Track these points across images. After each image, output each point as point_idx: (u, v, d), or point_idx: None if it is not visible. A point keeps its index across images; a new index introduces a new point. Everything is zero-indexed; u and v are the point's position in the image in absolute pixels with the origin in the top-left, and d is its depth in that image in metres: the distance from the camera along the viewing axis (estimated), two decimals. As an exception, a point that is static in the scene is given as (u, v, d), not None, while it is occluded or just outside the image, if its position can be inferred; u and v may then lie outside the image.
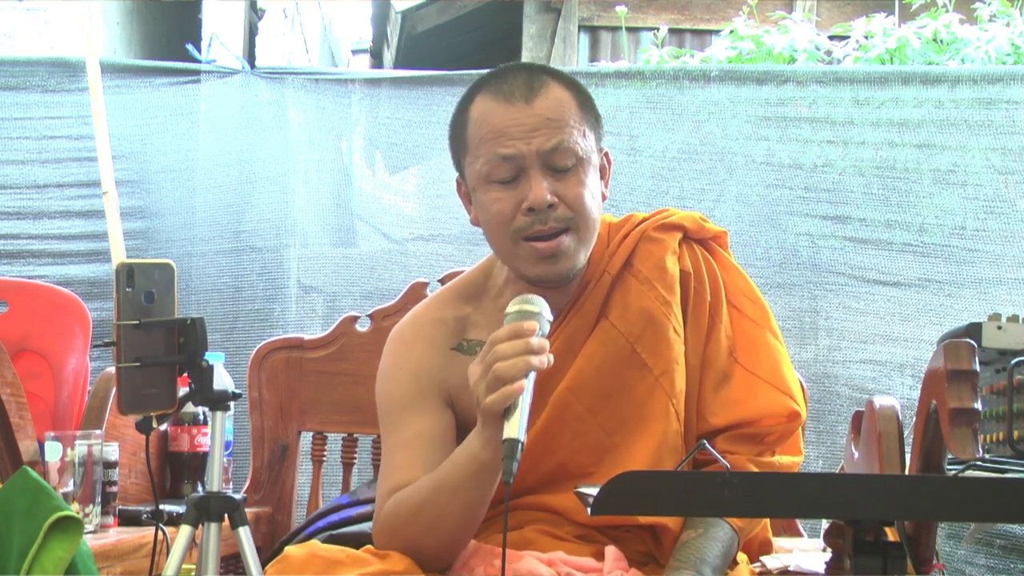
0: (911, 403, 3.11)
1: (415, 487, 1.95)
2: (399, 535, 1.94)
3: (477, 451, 1.85)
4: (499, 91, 1.97)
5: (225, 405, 1.89)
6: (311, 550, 1.95)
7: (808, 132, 3.60)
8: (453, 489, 1.89)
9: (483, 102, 1.98)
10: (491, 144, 1.94)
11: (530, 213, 1.93)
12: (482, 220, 2.01)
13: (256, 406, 2.73)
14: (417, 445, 2.00)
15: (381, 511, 1.99)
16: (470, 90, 2.03)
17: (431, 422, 2.01)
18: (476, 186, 1.98)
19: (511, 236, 1.96)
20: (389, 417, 2.06)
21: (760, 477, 1.65)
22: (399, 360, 2.08)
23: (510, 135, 1.94)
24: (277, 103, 3.83)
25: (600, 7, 6.62)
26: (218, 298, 3.73)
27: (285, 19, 9.05)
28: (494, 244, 2.02)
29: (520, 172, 1.94)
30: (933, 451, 1.79)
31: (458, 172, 2.06)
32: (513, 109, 1.95)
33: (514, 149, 1.93)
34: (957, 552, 3.23)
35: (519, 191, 1.94)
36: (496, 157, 1.94)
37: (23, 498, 1.96)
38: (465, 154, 2.00)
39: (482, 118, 1.97)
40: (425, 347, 2.06)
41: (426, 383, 2.04)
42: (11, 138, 3.82)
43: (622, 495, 1.43)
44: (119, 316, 1.81)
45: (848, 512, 1.52)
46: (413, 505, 1.93)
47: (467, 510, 1.90)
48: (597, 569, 1.90)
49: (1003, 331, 1.86)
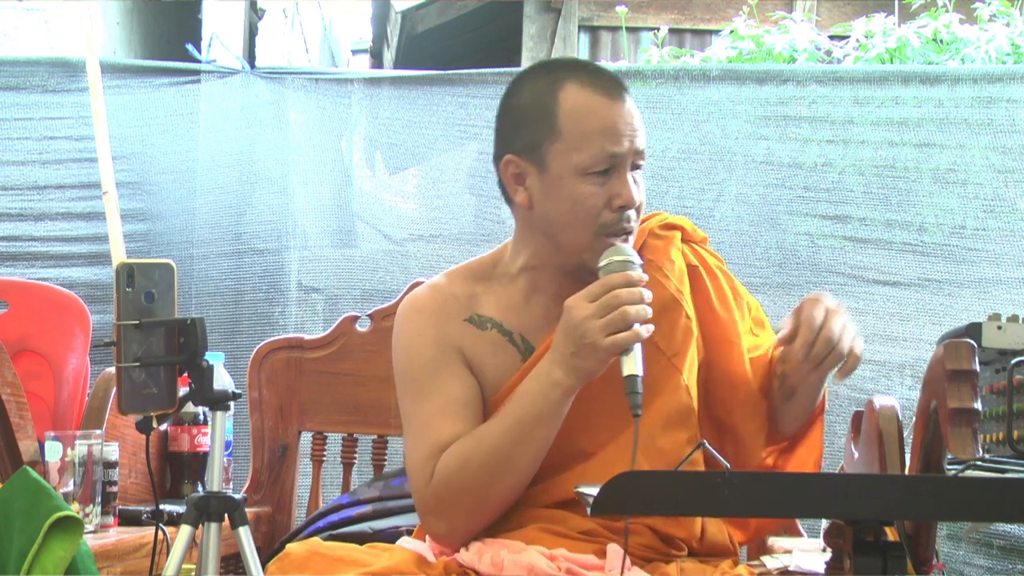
0: (911, 403, 3.11)
1: (476, 436, 1.96)
2: (465, 489, 1.95)
3: (560, 378, 1.91)
4: (595, 84, 1.99)
5: (225, 405, 1.90)
6: (312, 548, 1.95)
7: (808, 132, 3.59)
8: (533, 423, 1.93)
9: (579, 92, 1.99)
10: (599, 138, 1.96)
11: (619, 211, 1.98)
12: (560, 208, 2.00)
13: (256, 406, 2.73)
14: (454, 409, 2.01)
15: (431, 474, 1.98)
16: (543, 76, 2.03)
17: (462, 387, 2.03)
18: (565, 175, 1.98)
19: (594, 229, 1.98)
20: (415, 385, 2.05)
21: (760, 477, 1.65)
22: (419, 327, 2.08)
23: (619, 132, 1.97)
24: (277, 103, 3.83)
25: (600, 7, 6.62)
26: (219, 300, 3.73)
27: (285, 19, 9.05)
28: (567, 233, 2.00)
29: (613, 168, 1.98)
30: (933, 451, 1.79)
31: (517, 153, 2.02)
32: (615, 105, 1.98)
33: (621, 147, 1.97)
34: (957, 552, 3.23)
35: (609, 187, 1.98)
36: (604, 152, 1.96)
37: (23, 498, 1.96)
38: (554, 140, 1.98)
39: (585, 109, 1.97)
40: (442, 316, 2.08)
41: (448, 349, 2.05)
42: (11, 139, 3.82)
43: (622, 495, 1.43)
44: (119, 316, 1.82)
45: (848, 512, 1.52)
46: (485, 450, 1.94)
47: (543, 444, 1.96)
48: (598, 567, 1.90)
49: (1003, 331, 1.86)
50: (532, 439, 1.94)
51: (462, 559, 1.94)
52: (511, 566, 1.87)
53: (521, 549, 1.91)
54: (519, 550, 1.90)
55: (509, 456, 1.94)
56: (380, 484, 2.64)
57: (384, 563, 1.90)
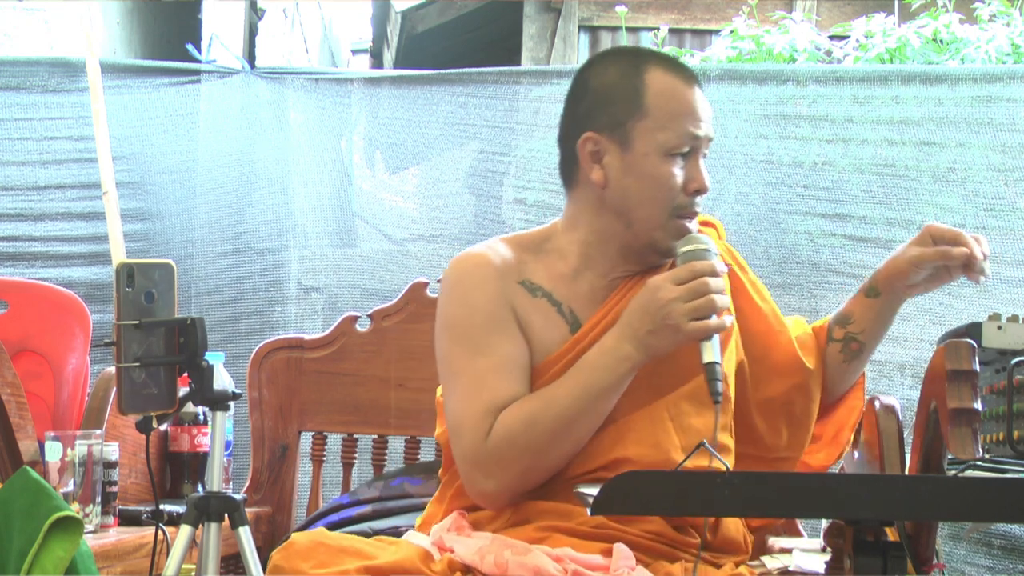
0: (911, 403, 3.11)
1: (544, 399, 1.99)
2: (528, 449, 1.97)
3: (631, 353, 1.96)
4: (677, 70, 2.08)
5: (225, 405, 1.90)
6: (317, 538, 1.94)
7: (808, 131, 3.59)
8: (601, 394, 1.98)
9: (664, 76, 2.06)
10: (684, 120, 2.04)
11: (694, 195, 2.06)
12: (640, 185, 2.05)
13: (256, 406, 2.73)
14: (510, 368, 2.03)
15: (487, 431, 1.99)
16: (626, 58, 2.11)
17: (516, 348, 2.06)
18: (649, 152, 2.04)
19: (669, 209, 2.05)
20: (470, 339, 2.06)
21: (760, 477, 1.65)
22: (474, 283, 2.09)
23: (700, 117, 2.06)
24: (277, 103, 3.83)
25: (600, 7, 6.62)
26: (219, 299, 3.73)
27: (285, 19, 9.05)
28: (643, 210, 2.06)
29: (691, 152, 2.06)
30: (933, 451, 1.79)
31: (598, 130, 2.07)
32: (695, 91, 2.07)
33: (702, 132, 2.06)
34: (957, 552, 3.23)
35: (686, 171, 2.05)
36: (688, 134, 2.04)
37: (23, 498, 1.96)
38: (640, 117, 2.04)
39: (671, 91, 2.05)
40: (499, 274, 2.10)
41: (506, 307, 2.08)
42: (11, 139, 3.82)
43: (622, 495, 1.43)
44: (119, 316, 1.82)
45: (848, 512, 1.52)
46: (553, 415, 1.97)
47: (603, 417, 2.01)
48: (603, 567, 1.90)
49: (1003, 331, 1.86)
50: (595, 410, 1.99)
51: (464, 558, 1.94)
52: (516, 567, 1.87)
53: (526, 550, 1.90)
54: (524, 551, 1.90)
55: (573, 423, 1.98)
56: (380, 484, 2.64)
57: (389, 557, 1.89)
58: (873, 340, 2.21)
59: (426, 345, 2.68)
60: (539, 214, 3.62)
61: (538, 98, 3.74)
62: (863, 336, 2.19)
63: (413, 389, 2.73)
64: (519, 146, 3.77)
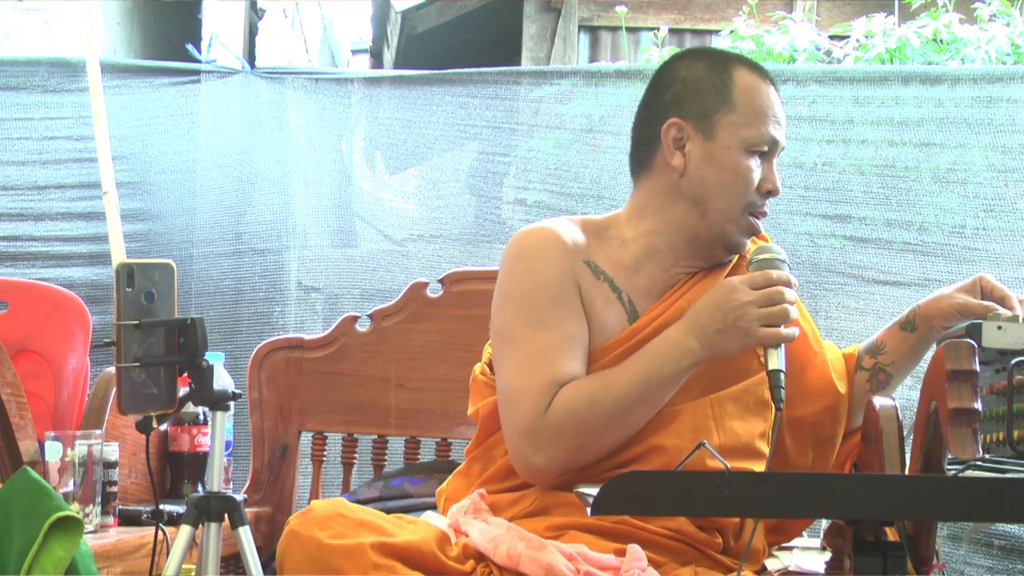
0: (911, 403, 3.11)
1: (605, 381, 2.00)
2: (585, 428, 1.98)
3: (695, 349, 1.98)
4: (762, 73, 2.13)
5: (225, 405, 1.90)
6: (337, 508, 1.92)
7: (808, 131, 3.59)
8: (661, 383, 2.00)
9: (751, 75, 2.12)
10: (766, 119, 2.09)
11: (765, 195, 2.11)
12: (720, 176, 2.08)
13: (256, 406, 2.73)
14: (571, 346, 2.04)
15: (546, 405, 1.99)
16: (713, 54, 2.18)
17: (579, 327, 2.06)
18: (732, 145, 2.08)
19: (743, 204, 2.09)
20: (535, 312, 2.06)
21: (760, 477, 1.65)
22: (543, 256, 2.09)
23: (779, 120, 2.12)
24: (277, 103, 3.83)
25: (600, 7, 6.62)
26: (219, 299, 3.73)
27: (285, 19, 9.05)
28: (719, 201, 2.08)
29: (767, 153, 2.10)
30: (933, 451, 1.79)
31: (685, 116, 2.09)
32: (776, 96, 2.13)
33: (778, 135, 2.11)
34: (957, 552, 3.23)
35: (761, 170, 2.10)
36: (769, 135, 2.09)
37: (23, 498, 1.96)
38: (728, 110, 2.08)
39: (757, 90, 2.10)
40: (568, 250, 2.10)
41: (571, 284, 2.08)
42: (11, 139, 3.82)
43: (622, 495, 1.43)
44: (119, 316, 1.82)
45: (848, 512, 1.52)
46: (613, 397, 1.98)
47: (658, 406, 2.02)
48: (615, 568, 1.89)
49: (1003, 331, 1.86)
50: (653, 399, 2.01)
51: (478, 544, 1.93)
52: (528, 563, 1.86)
53: (540, 546, 1.89)
54: (538, 546, 1.89)
55: (631, 408, 1.99)
56: (380, 484, 2.64)
57: (407, 536, 1.88)
58: (901, 373, 2.21)
59: (426, 345, 2.69)
60: (539, 214, 3.61)
61: (538, 98, 3.74)
62: (892, 368, 2.19)
63: (413, 389, 2.73)
64: (519, 146, 3.77)
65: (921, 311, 2.17)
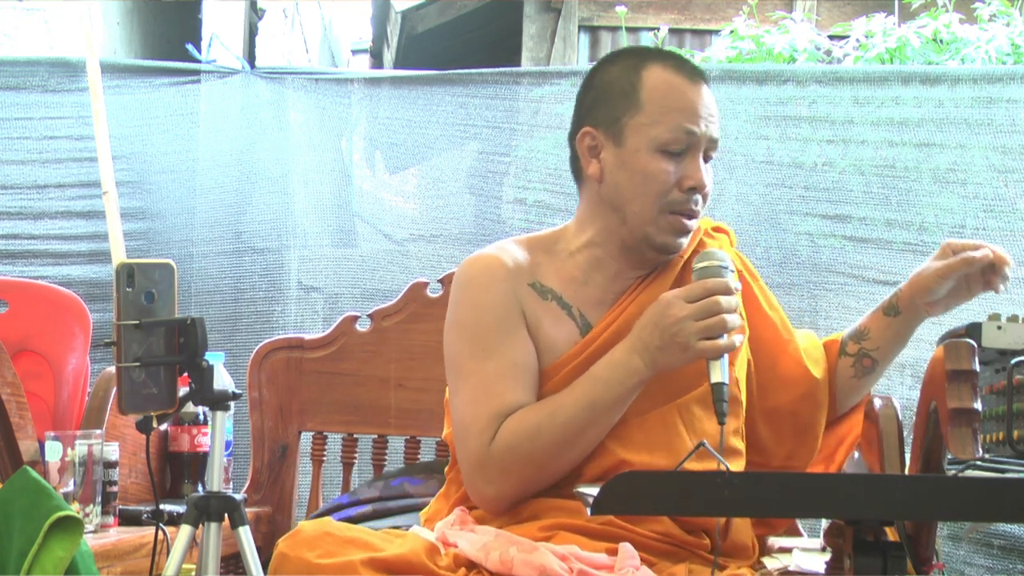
0: (911, 403, 3.11)
1: (550, 409, 1.99)
2: (531, 459, 1.98)
3: (639, 368, 1.96)
4: (680, 68, 2.08)
5: (225, 405, 1.90)
6: (324, 527, 1.93)
7: (808, 131, 3.59)
8: (607, 406, 1.98)
9: (664, 71, 2.06)
10: (679, 115, 2.03)
11: (688, 192, 2.04)
12: (631, 180, 2.05)
13: (256, 406, 2.73)
14: (515, 374, 2.03)
15: (491, 437, 1.99)
16: (629, 56, 2.12)
17: (524, 352, 2.05)
18: (641, 148, 2.04)
19: (661, 205, 2.04)
20: (479, 342, 2.06)
21: (760, 477, 1.65)
22: (484, 284, 2.09)
23: (698, 113, 2.05)
24: (277, 103, 3.83)
25: (600, 7, 6.62)
26: (219, 299, 3.73)
27: (285, 19, 9.05)
28: (634, 205, 2.05)
29: (688, 149, 2.04)
30: (933, 451, 1.79)
31: (595, 124, 2.08)
32: (697, 89, 2.07)
33: (698, 128, 2.04)
34: (957, 552, 3.23)
35: (682, 168, 2.04)
36: (681, 129, 2.03)
37: (23, 498, 1.96)
38: (635, 113, 2.05)
39: (669, 87, 2.05)
40: (510, 276, 2.10)
41: (514, 310, 2.07)
42: (11, 138, 3.82)
43: (622, 495, 1.43)
44: (119, 316, 1.82)
45: (848, 512, 1.52)
46: (558, 424, 1.97)
47: (608, 428, 2.00)
48: (608, 566, 1.89)
49: (1003, 331, 1.86)
50: (601, 422, 1.99)
51: (469, 553, 1.93)
52: (521, 566, 1.86)
53: (532, 548, 1.89)
54: (530, 549, 1.89)
55: (578, 434, 1.98)
56: (380, 484, 2.64)
57: (395, 550, 1.89)
58: (886, 358, 2.20)
59: (426, 345, 2.69)
60: (539, 214, 3.62)
61: (538, 98, 3.74)
62: (877, 353, 2.18)
63: (413, 389, 2.73)
64: (519, 146, 3.77)
65: (903, 294, 2.16)
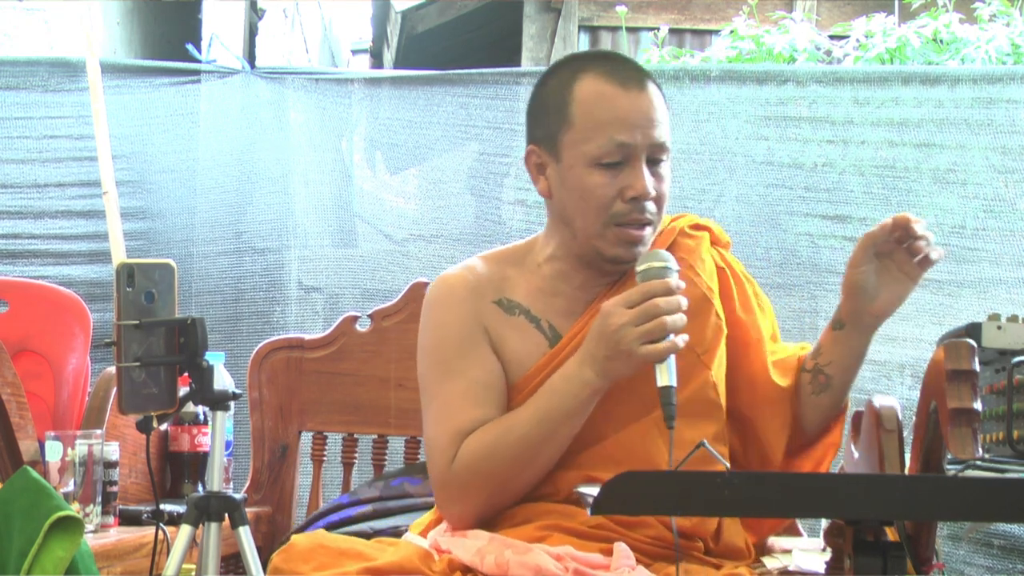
0: (911, 403, 3.11)
1: (505, 426, 1.98)
2: (490, 477, 1.97)
3: (591, 379, 1.93)
4: (613, 74, 2.01)
5: (225, 405, 1.90)
6: (317, 540, 1.95)
7: (808, 132, 3.59)
8: (562, 419, 1.95)
9: (595, 82, 2.01)
10: (609, 128, 1.98)
11: (631, 202, 1.99)
12: (572, 197, 2.03)
13: (256, 406, 2.73)
14: (476, 392, 2.03)
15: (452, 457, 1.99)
16: (565, 67, 2.07)
17: (485, 370, 2.05)
18: (575, 164, 2.00)
19: (605, 219, 2.01)
20: (441, 365, 2.07)
21: (760, 477, 1.65)
22: (449, 307, 2.09)
23: (629, 122, 1.99)
24: (277, 103, 3.83)
25: (600, 7, 6.62)
26: (219, 299, 3.73)
27: (285, 19, 9.05)
28: (578, 221, 2.03)
29: (626, 159, 1.99)
30: (933, 451, 1.79)
31: (536, 142, 2.06)
32: (630, 96, 2.00)
33: (631, 137, 1.98)
34: (957, 552, 3.23)
35: (622, 178, 1.99)
36: (612, 142, 1.98)
37: (23, 498, 1.96)
38: (567, 129, 2.01)
39: (597, 98, 2.00)
40: (472, 296, 2.09)
41: (476, 330, 2.07)
42: (11, 137, 3.82)
43: (622, 495, 1.43)
44: (119, 316, 1.82)
45: (848, 512, 1.52)
46: (513, 442, 1.96)
47: (567, 442, 1.98)
48: (604, 566, 1.89)
49: (1003, 331, 1.86)
50: (558, 435, 1.97)
51: (463, 559, 1.93)
52: (517, 567, 1.86)
53: (526, 550, 1.89)
54: (524, 550, 1.89)
55: (536, 449, 1.97)
56: (380, 484, 2.64)
57: (389, 558, 1.89)
58: (842, 375, 2.11)
59: (426, 345, 2.68)
60: (539, 215, 3.60)
61: (538, 98, 3.73)
62: (830, 369, 2.10)
63: (413, 389, 2.71)
64: (519, 147, 3.76)
65: (842, 304, 2.09)
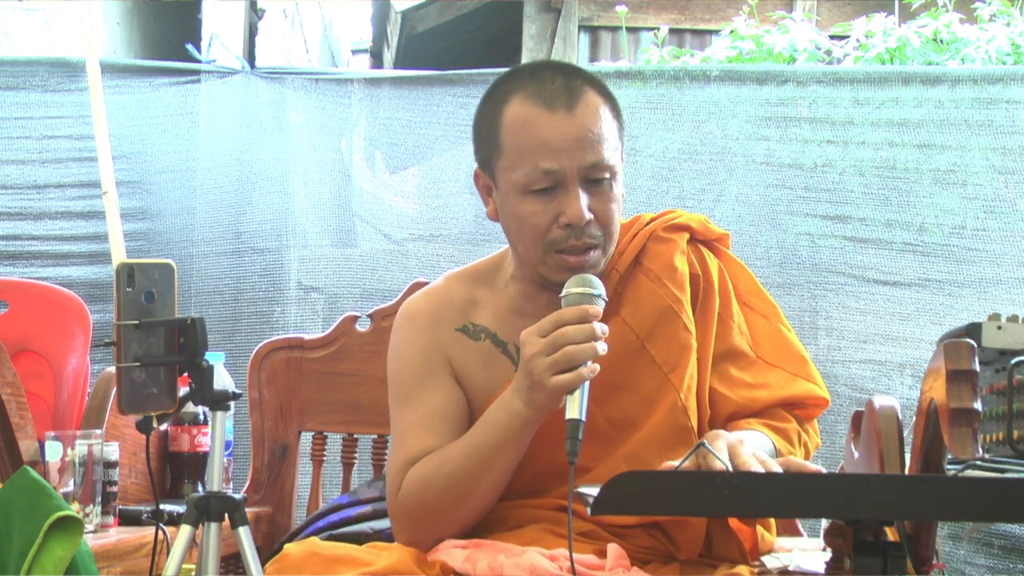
0: (911, 403, 3.11)
1: (442, 457, 1.97)
2: (427, 508, 1.96)
3: (520, 409, 1.88)
4: (539, 95, 1.93)
5: (225, 405, 1.89)
6: (310, 548, 1.95)
7: (808, 132, 3.59)
8: (494, 450, 1.92)
9: (521, 105, 1.94)
10: (533, 155, 1.91)
11: (567, 228, 1.93)
12: (510, 225, 1.99)
13: (256, 406, 2.72)
14: (429, 422, 2.02)
15: (399, 486, 2.00)
16: (500, 87, 1.99)
17: (443, 399, 2.03)
18: (509, 192, 1.95)
19: (544, 246, 1.95)
20: (400, 394, 2.07)
21: (760, 477, 1.65)
22: (408, 337, 2.09)
23: (553, 147, 1.91)
24: (277, 103, 3.83)
25: (600, 7, 6.62)
26: (219, 299, 3.73)
27: (285, 19, 9.05)
28: (520, 248, 2.00)
29: (558, 184, 1.92)
30: (933, 451, 1.79)
31: (480, 166, 2.03)
32: (556, 118, 1.91)
33: (557, 163, 1.91)
34: (957, 552, 3.23)
35: (556, 204, 1.93)
36: (538, 170, 1.91)
37: (23, 498, 1.96)
38: (498, 156, 1.96)
39: (522, 124, 1.93)
40: (432, 325, 2.08)
41: (435, 360, 2.06)
42: (11, 138, 3.82)
43: (622, 495, 1.43)
44: (119, 316, 1.82)
45: (848, 512, 1.52)
46: (447, 473, 1.95)
47: (505, 472, 1.94)
48: (599, 567, 1.89)
49: (1003, 331, 1.86)
50: (493, 466, 1.94)
51: (455, 566, 1.93)
52: (512, 568, 1.86)
53: (520, 552, 1.89)
54: (518, 553, 1.89)
55: (470, 480, 1.94)
56: (380, 484, 2.63)
57: (384, 562, 1.89)
58: None
59: (426, 345, 2.68)
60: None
61: (538, 98, 3.73)
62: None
63: (413, 389, 2.72)
64: (519, 146, 3.77)
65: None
